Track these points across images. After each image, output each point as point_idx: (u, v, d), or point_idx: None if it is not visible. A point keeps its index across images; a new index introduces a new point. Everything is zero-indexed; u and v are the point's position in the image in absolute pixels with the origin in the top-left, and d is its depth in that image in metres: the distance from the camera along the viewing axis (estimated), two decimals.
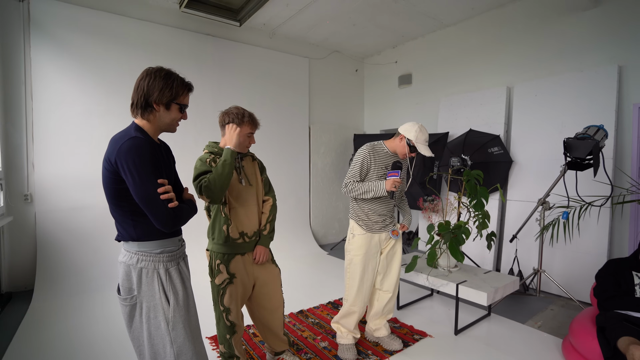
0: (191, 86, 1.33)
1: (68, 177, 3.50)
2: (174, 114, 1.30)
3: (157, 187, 1.16)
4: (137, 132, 1.21)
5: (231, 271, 1.75)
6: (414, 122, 2.09)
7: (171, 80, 1.26)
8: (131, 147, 1.14)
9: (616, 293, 2.03)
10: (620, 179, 3.15)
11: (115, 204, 1.22)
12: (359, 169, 2.13)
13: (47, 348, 2.33)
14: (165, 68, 1.28)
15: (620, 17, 3.20)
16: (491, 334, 2.54)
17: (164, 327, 1.23)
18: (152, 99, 1.23)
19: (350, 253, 2.22)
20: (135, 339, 1.26)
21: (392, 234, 2.23)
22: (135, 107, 1.26)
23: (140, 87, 1.24)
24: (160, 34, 3.99)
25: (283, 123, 5.02)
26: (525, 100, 3.79)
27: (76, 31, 3.52)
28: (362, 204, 2.19)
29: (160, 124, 1.29)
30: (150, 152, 1.18)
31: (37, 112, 3.37)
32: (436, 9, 4.13)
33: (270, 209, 1.90)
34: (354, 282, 2.20)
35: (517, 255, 3.49)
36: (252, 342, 2.38)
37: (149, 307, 1.22)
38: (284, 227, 4.88)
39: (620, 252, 3.16)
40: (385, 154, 2.17)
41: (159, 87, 1.23)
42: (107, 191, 1.22)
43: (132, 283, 1.22)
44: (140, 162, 1.14)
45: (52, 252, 3.36)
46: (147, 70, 1.27)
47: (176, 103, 1.28)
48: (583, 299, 3.10)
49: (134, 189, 1.14)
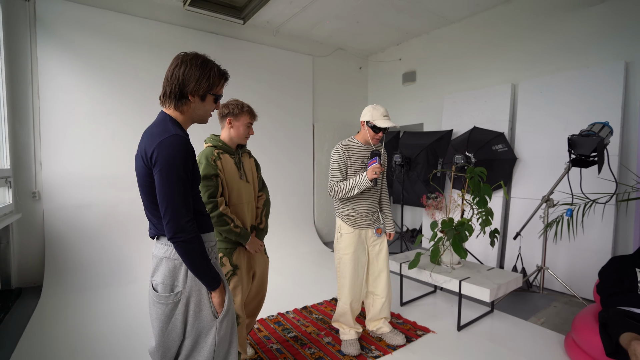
0: (227, 75, 1.24)
1: (75, 175, 3.55)
2: (209, 106, 1.21)
3: (183, 195, 1.09)
4: (176, 129, 1.13)
5: (234, 263, 1.82)
6: (368, 105, 2.14)
7: (208, 69, 1.16)
8: (171, 146, 1.07)
9: (619, 290, 2.03)
10: (626, 176, 3.13)
11: (155, 201, 1.13)
12: (337, 169, 2.15)
13: (56, 342, 2.38)
14: (201, 54, 1.18)
15: (627, 13, 3.17)
16: (494, 330, 2.56)
17: (209, 319, 1.17)
18: (187, 90, 1.14)
19: (339, 252, 2.24)
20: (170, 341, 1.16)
21: (377, 232, 2.25)
22: (168, 98, 1.16)
23: (175, 76, 1.14)
24: (164, 32, 4.02)
25: (287, 120, 5.04)
26: (530, 97, 3.77)
27: (81, 30, 3.55)
28: (352, 201, 2.20)
29: (193, 115, 1.21)
30: (188, 154, 1.11)
31: (43, 110, 3.41)
32: (440, 5, 4.12)
33: (264, 203, 2.01)
34: (345, 280, 2.22)
35: (521, 252, 3.49)
36: (257, 337, 2.41)
37: (196, 302, 1.16)
38: (288, 225, 4.91)
39: (625, 250, 3.15)
40: (358, 148, 2.20)
41: (196, 76, 1.13)
42: (146, 188, 1.14)
43: (177, 279, 1.15)
44: (175, 164, 1.07)
45: (59, 248, 3.42)
46: (182, 58, 1.16)
47: (212, 94, 1.19)
48: (586, 296, 3.09)
49: (160, 189, 1.08)
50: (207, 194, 1.69)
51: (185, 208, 1.09)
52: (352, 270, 2.20)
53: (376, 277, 2.31)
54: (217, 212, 1.70)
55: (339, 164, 2.14)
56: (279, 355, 2.19)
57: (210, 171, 1.70)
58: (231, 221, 1.74)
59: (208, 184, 1.69)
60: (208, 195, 1.69)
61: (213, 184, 1.70)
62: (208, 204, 1.69)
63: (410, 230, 5.28)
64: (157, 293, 1.16)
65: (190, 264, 1.12)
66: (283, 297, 3.14)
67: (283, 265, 4.12)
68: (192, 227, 1.09)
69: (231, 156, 1.83)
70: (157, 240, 1.20)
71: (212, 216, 1.70)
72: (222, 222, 1.72)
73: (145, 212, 1.21)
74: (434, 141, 4.27)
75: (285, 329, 2.54)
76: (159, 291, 1.16)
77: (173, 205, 1.07)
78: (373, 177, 2.04)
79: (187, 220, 1.08)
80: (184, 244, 1.08)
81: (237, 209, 1.82)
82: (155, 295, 1.16)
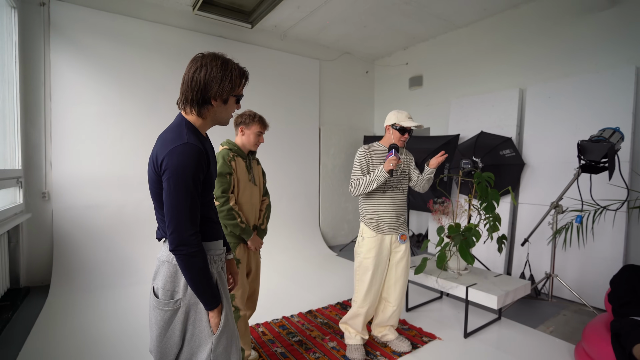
0: (247, 74, 1.17)
1: (84, 176, 3.60)
2: (231, 108, 1.16)
3: (190, 207, 1.05)
4: (190, 136, 1.07)
5: (237, 257, 1.93)
6: (392, 111, 2.22)
7: (229, 70, 1.10)
8: (181, 155, 1.03)
9: (632, 299, 1.99)
10: (637, 182, 3.07)
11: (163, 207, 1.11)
12: (359, 167, 2.18)
13: (63, 341, 2.39)
14: (219, 54, 1.12)
15: (637, 17, 3.13)
16: (501, 338, 2.51)
17: (207, 333, 1.11)
18: (210, 95, 1.08)
19: (359, 256, 2.23)
20: (168, 348, 1.12)
21: (401, 238, 2.23)
22: (190, 105, 1.10)
23: (196, 81, 1.07)
24: (173, 36, 4.07)
25: (293, 124, 5.06)
26: (538, 102, 3.74)
27: (93, 33, 3.62)
28: (374, 203, 2.19)
29: (215, 119, 1.16)
30: (199, 165, 1.06)
31: (55, 112, 3.47)
32: (448, 10, 4.11)
33: (267, 207, 2.17)
34: (363, 285, 2.20)
35: (529, 259, 3.44)
36: (261, 341, 2.40)
37: (196, 310, 1.11)
38: (294, 228, 4.91)
39: (637, 258, 3.08)
40: (381, 151, 2.23)
41: (218, 79, 1.08)
42: (155, 194, 1.11)
43: (177, 285, 1.10)
44: (185, 175, 1.03)
45: (67, 248, 3.46)
46: (201, 60, 1.09)
47: (234, 95, 1.13)
48: (597, 304, 3.03)
49: (167, 198, 1.04)
50: (221, 189, 1.86)
51: (191, 221, 1.05)
52: (372, 275, 2.18)
53: (392, 285, 2.28)
54: (227, 206, 1.86)
55: (361, 163, 2.18)
56: (283, 359, 2.18)
57: (226, 169, 1.88)
58: (238, 216, 1.89)
59: (222, 180, 1.86)
60: (222, 190, 1.86)
61: (227, 180, 1.87)
62: (221, 197, 1.85)
63: (416, 235, 5.24)
64: (157, 298, 1.12)
65: (190, 279, 1.07)
66: (288, 301, 3.13)
67: (288, 268, 4.11)
68: (196, 241, 1.05)
69: (243, 160, 2.00)
70: (164, 243, 1.18)
71: (223, 210, 1.85)
72: (230, 216, 1.87)
73: (155, 214, 1.19)
74: (440, 146, 4.25)
75: (290, 333, 2.52)
76: (160, 296, 1.12)
77: (178, 217, 1.03)
78: (389, 168, 2.03)
79: (191, 234, 1.04)
80: (186, 257, 1.04)
81: (244, 207, 1.97)
82: (155, 301, 1.12)
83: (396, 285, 2.28)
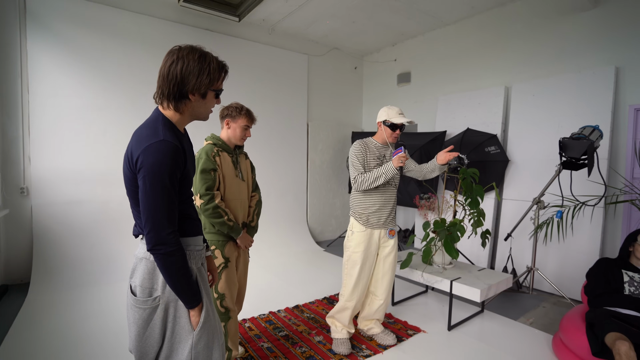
0: (227, 67, 1.14)
1: (64, 171, 3.50)
2: (210, 103, 1.13)
3: (167, 205, 1.02)
4: (166, 133, 1.04)
5: (226, 255, 1.86)
6: (384, 107, 2.21)
7: (207, 64, 1.06)
8: (157, 153, 1.00)
9: (605, 290, 2.07)
10: (615, 179, 3.18)
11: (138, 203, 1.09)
12: (358, 162, 2.18)
13: (43, 341, 2.34)
14: (197, 47, 1.09)
15: (618, 19, 3.22)
16: (484, 330, 2.58)
17: (187, 329, 1.09)
18: (187, 88, 1.05)
19: (348, 250, 2.25)
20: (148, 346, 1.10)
21: (389, 233, 2.26)
22: (167, 99, 1.07)
23: (173, 75, 1.04)
24: (158, 28, 3.98)
25: (281, 119, 5.02)
26: (522, 100, 3.81)
27: (73, 24, 3.50)
28: (365, 199, 2.21)
29: (193, 114, 1.13)
30: (176, 162, 1.04)
31: (33, 105, 3.36)
32: (436, 7, 4.14)
33: (257, 203, 2.09)
34: (351, 279, 2.22)
35: (512, 253, 3.53)
36: (248, 336, 2.40)
37: (176, 307, 1.09)
38: (282, 224, 4.90)
39: (613, 251, 3.20)
40: (375, 146, 2.24)
41: (195, 73, 1.05)
42: (131, 191, 1.09)
43: (155, 282, 1.08)
44: (160, 173, 1.00)
45: (48, 245, 3.37)
46: (177, 53, 1.06)
47: (213, 90, 1.10)
48: (575, 296, 3.14)
49: (143, 197, 1.02)
50: (205, 187, 1.77)
51: (168, 219, 1.02)
52: (360, 269, 2.20)
53: (380, 279, 2.31)
54: (212, 204, 1.78)
55: (358, 157, 2.18)
56: (270, 354, 2.19)
57: (209, 165, 1.79)
58: (225, 214, 1.81)
59: (206, 177, 1.78)
60: (206, 188, 1.77)
61: (211, 177, 1.79)
62: (205, 195, 1.77)
63: (403, 231, 5.31)
64: (135, 297, 1.09)
65: (169, 278, 1.04)
66: (275, 296, 3.13)
67: (275, 263, 4.11)
68: (173, 240, 1.03)
69: (229, 155, 1.92)
70: (141, 240, 1.15)
71: (208, 208, 1.77)
72: (216, 215, 1.78)
73: (132, 210, 1.15)
74: (428, 142, 4.30)
75: (277, 328, 2.53)
76: (137, 294, 1.09)
77: (155, 216, 1.01)
78: (399, 165, 2.04)
79: (168, 233, 1.02)
80: (164, 256, 1.02)
81: (231, 204, 1.90)
82: (133, 299, 1.09)
83: (384, 280, 2.31)
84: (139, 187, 1.03)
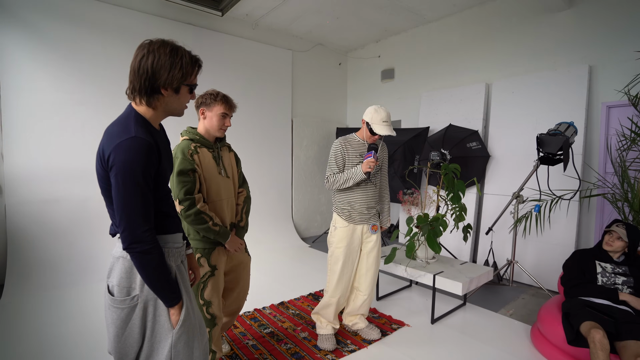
0: (200, 62, 1.12)
1: (39, 168, 3.37)
2: (184, 98, 1.11)
3: (141, 203, 1.01)
4: (138, 129, 1.02)
5: (212, 263, 1.73)
6: (373, 106, 2.14)
7: (179, 58, 1.04)
8: (129, 150, 0.98)
9: (580, 281, 2.15)
10: (589, 174, 3.30)
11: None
12: (334, 161, 2.18)
13: (19, 344, 2.26)
14: (169, 41, 1.06)
15: (591, 19, 3.32)
16: (466, 322, 2.64)
17: (167, 327, 1.08)
18: (159, 83, 1.03)
19: (332, 245, 2.26)
20: (127, 347, 1.08)
21: (372, 228, 2.27)
22: (138, 94, 1.04)
23: (144, 69, 1.02)
24: (138, 22, 3.86)
25: (265, 115, 4.98)
26: (502, 97, 3.90)
27: (48, 15, 3.36)
28: (346, 195, 2.22)
29: (167, 109, 1.11)
30: (149, 159, 1.02)
31: (5, 100, 3.21)
32: (419, 4, 4.17)
33: (245, 200, 1.92)
34: (334, 275, 2.24)
35: (493, 246, 3.62)
36: (232, 334, 2.39)
37: (155, 306, 1.07)
38: (266, 220, 4.88)
39: (587, 243, 3.33)
40: (357, 143, 2.23)
41: (167, 67, 1.02)
42: (104, 190, 1.07)
43: (133, 281, 1.06)
44: (133, 170, 0.98)
45: (23, 245, 3.24)
46: (148, 47, 1.04)
47: (186, 84, 1.08)
48: (552, 287, 3.25)
49: (116, 195, 1.00)
50: (184, 191, 1.59)
51: (143, 217, 1.00)
52: (342, 265, 2.21)
53: (363, 274, 2.33)
54: (194, 210, 1.60)
55: (336, 156, 2.18)
56: (255, 352, 2.18)
57: (187, 166, 1.60)
58: (210, 219, 1.65)
59: (185, 180, 1.59)
60: (185, 192, 1.59)
61: (190, 179, 1.60)
62: (185, 201, 1.59)
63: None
64: (112, 297, 1.07)
65: (146, 276, 1.03)
66: (260, 293, 3.11)
67: (260, 260, 4.09)
68: (149, 238, 1.01)
69: (209, 150, 1.74)
70: (118, 239, 1.11)
71: (189, 214, 1.60)
72: (199, 221, 1.62)
73: (107, 209, 1.12)
74: (411, 138, 4.35)
75: (262, 325, 2.52)
76: (115, 294, 1.06)
77: (129, 215, 0.99)
78: (367, 170, 2.05)
79: (144, 230, 1.00)
80: (140, 255, 1.00)
81: (216, 206, 1.73)
82: (111, 299, 1.07)
83: (367, 275, 2.33)
84: (111, 186, 1.00)
